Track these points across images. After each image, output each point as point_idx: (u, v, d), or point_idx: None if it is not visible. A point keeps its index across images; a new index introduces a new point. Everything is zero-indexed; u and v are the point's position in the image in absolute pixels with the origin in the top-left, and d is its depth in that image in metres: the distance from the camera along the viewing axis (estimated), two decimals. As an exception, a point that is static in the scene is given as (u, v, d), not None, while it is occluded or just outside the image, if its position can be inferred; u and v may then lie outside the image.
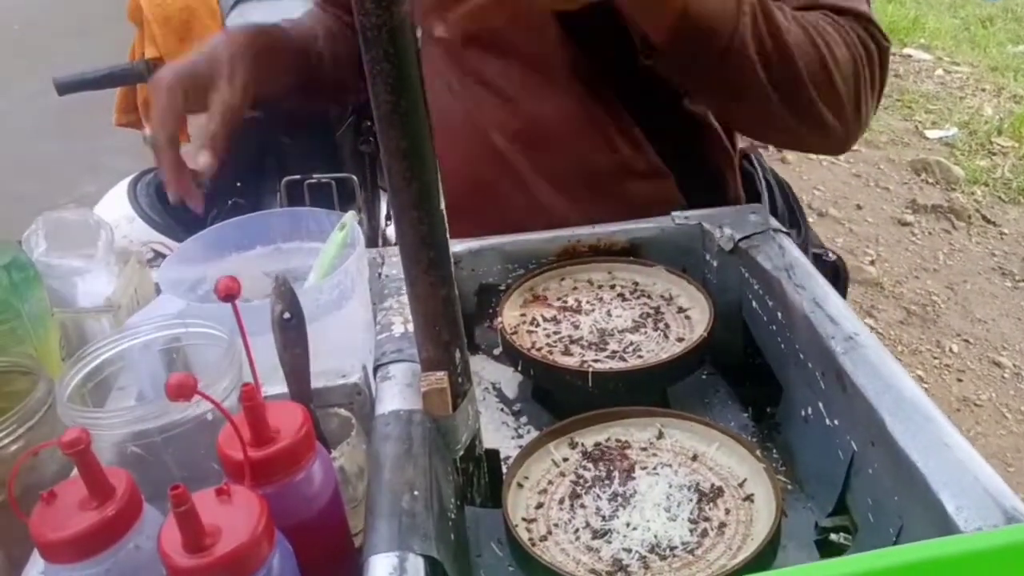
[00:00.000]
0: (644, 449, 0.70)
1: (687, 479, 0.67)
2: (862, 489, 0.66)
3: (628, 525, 0.63)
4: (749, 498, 0.65)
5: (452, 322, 0.63)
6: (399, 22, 0.51)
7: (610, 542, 0.61)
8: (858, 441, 0.66)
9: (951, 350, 2.63)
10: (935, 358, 2.61)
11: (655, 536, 0.62)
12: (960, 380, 2.52)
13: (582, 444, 0.70)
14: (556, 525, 0.63)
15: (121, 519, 0.45)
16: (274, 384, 0.63)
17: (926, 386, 2.51)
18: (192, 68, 0.90)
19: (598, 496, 0.65)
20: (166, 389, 0.42)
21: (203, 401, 0.47)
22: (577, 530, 0.63)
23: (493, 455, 0.74)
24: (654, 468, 0.68)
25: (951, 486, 0.55)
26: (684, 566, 0.60)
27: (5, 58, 4.17)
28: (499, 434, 0.79)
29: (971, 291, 2.85)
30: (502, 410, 0.82)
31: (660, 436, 0.71)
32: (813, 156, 3.44)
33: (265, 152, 1.59)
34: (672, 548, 0.61)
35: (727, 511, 0.64)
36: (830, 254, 1.13)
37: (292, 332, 0.59)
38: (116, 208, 1.52)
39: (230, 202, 1.58)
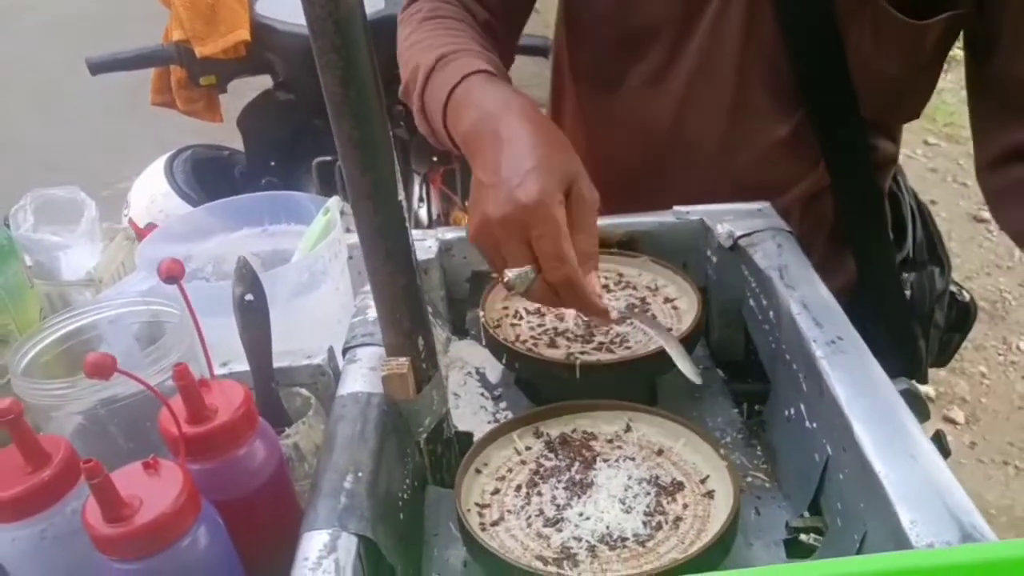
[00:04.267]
0: (610, 441, 0.70)
1: (648, 473, 0.66)
2: (834, 493, 0.65)
3: (581, 515, 0.63)
4: (709, 494, 0.65)
5: (415, 310, 0.64)
6: (347, 12, 0.51)
7: (561, 530, 0.62)
8: (833, 445, 0.65)
9: (1018, 347, 2.57)
10: (1000, 355, 2.55)
11: (607, 527, 0.62)
12: (1025, 378, 2.46)
13: (547, 434, 0.70)
14: (509, 511, 0.64)
15: (56, 484, 0.47)
16: (244, 361, 0.65)
17: (988, 382, 2.46)
18: None
19: (555, 485, 0.65)
20: (84, 367, 0.44)
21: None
22: (530, 517, 0.63)
23: (466, 438, 0.74)
24: (616, 460, 0.67)
25: (909, 499, 0.54)
26: (633, 557, 0.60)
27: (82, 39, 4.33)
28: (476, 418, 0.79)
29: (1047, 290, 2.76)
30: (482, 395, 0.83)
31: (628, 429, 0.71)
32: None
33: (298, 134, 1.62)
34: (623, 539, 0.61)
35: (685, 506, 0.64)
36: (965, 294, 1.10)
37: (253, 313, 0.61)
38: (153, 184, 1.57)
39: (264, 181, 1.61)
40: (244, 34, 1.39)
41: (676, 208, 0.90)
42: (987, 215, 3.11)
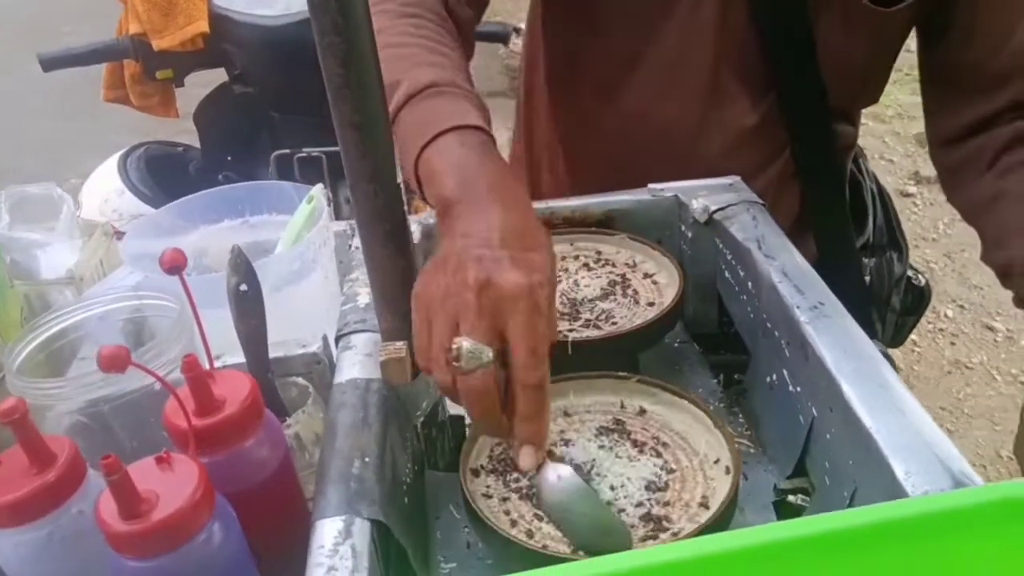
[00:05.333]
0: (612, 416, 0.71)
1: (650, 448, 0.67)
2: (820, 453, 0.67)
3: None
4: (708, 463, 0.66)
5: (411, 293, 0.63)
6: (348, -8, 0.51)
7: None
8: (818, 407, 0.67)
9: (945, 315, 2.67)
10: (929, 323, 2.64)
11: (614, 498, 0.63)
12: (953, 344, 2.56)
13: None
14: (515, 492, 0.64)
15: (62, 485, 0.46)
16: (236, 354, 0.64)
17: (919, 350, 2.55)
18: None
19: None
20: (99, 360, 0.43)
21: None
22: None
23: (458, 421, 0.74)
24: (617, 436, 0.68)
25: (902, 451, 0.56)
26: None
27: (13, 39, 4.20)
28: (467, 401, 0.80)
29: (969, 259, 2.86)
30: (472, 378, 0.83)
31: (622, 407, 0.72)
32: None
33: (257, 127, 1.60)
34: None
35: (684, 480, 0.65)
36: (920, 278, 1.14)
37: (248, 303, 0.60)
38: (107, 182, 1.53)
39: (221, 176, 1.59)
40: (203, 26, 1.36)
41: (651, 186, 0.91)
42: (913, 190, 3.25)
